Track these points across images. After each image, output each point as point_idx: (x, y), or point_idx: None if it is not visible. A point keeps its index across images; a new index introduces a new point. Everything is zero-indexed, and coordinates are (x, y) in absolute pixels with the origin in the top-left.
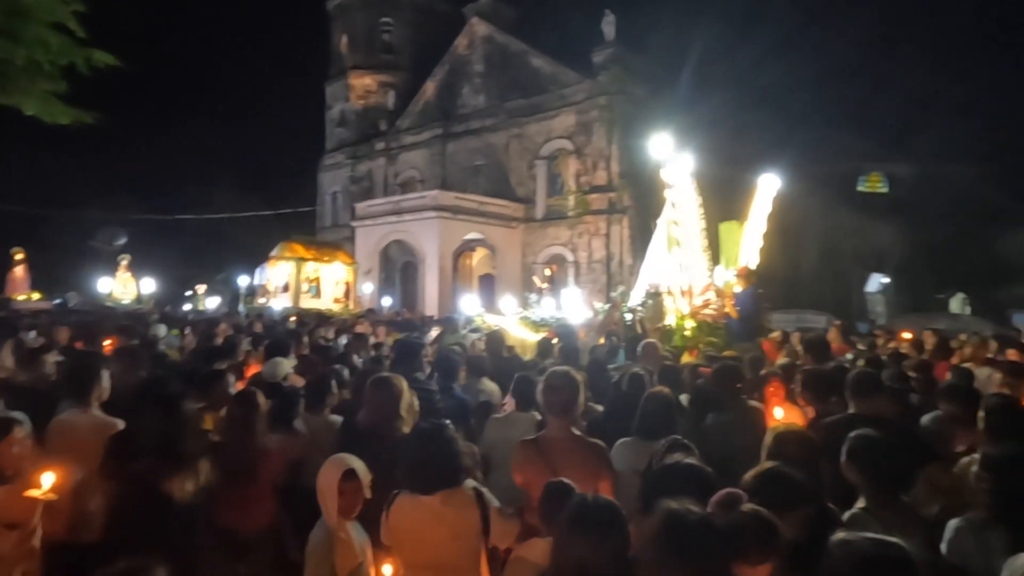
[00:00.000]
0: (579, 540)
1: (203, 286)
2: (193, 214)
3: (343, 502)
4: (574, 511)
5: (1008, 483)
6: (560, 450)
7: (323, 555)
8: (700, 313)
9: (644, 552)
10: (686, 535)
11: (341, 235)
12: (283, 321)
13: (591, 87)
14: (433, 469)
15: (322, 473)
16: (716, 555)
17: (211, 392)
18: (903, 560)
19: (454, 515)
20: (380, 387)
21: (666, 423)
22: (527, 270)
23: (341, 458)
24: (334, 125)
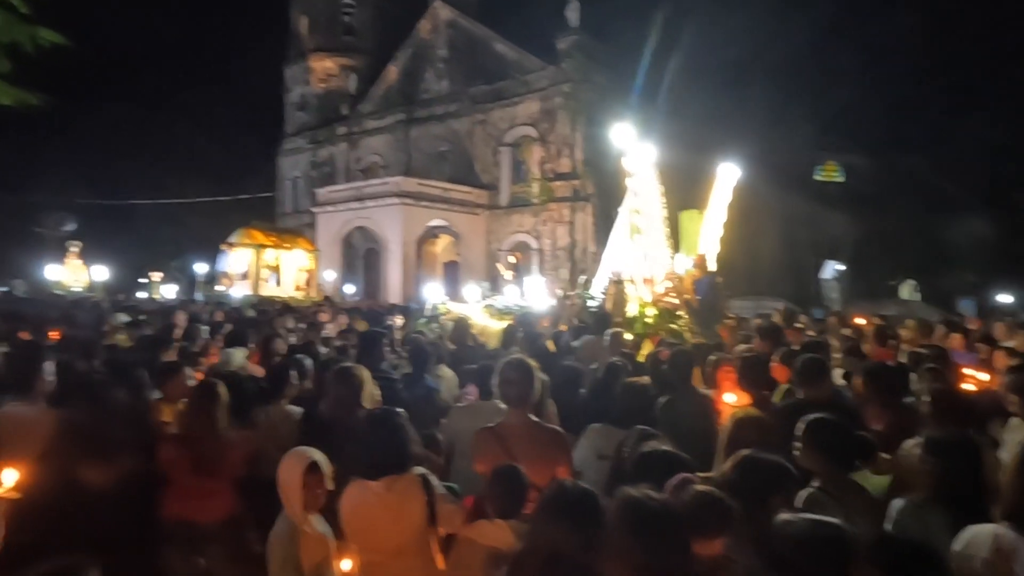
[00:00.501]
0: (555, 524)
1: (158, 273)
2: (147, 199)
3: (307, 495)
4: (553, 496)
5: (948, 466)
6: (518, 437)
7: (288, 549)
8: (661, 301)
9: (607, 537)
10: (646, 519)
11: (302, 221)
12: (242, 309)
13: (555, 74)
14: (379, 455)
15: (284, 466)
16: (675, 537)
17: (166, 383)
18: (840, 538)
19: (398, 500)
20: (342, 378)
21: (640, 412)
22: (491, 257)
23: (303, 451)
24: (294, 109)
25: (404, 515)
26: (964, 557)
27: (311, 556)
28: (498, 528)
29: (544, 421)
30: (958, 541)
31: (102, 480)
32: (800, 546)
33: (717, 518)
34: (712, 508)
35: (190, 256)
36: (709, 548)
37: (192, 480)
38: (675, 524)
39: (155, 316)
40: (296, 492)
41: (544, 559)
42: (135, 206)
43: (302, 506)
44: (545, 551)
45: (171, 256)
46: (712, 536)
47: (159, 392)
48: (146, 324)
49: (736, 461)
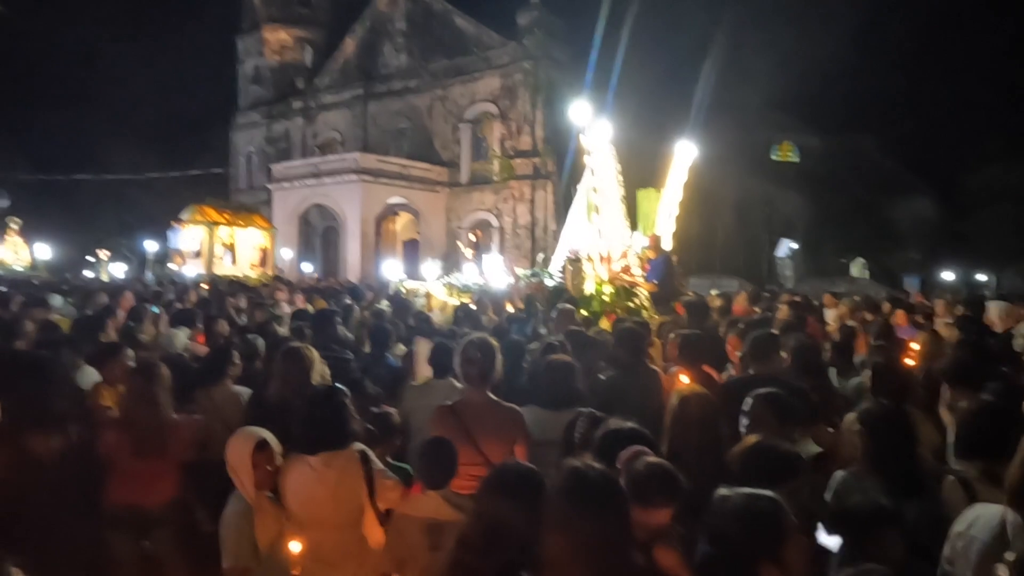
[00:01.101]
0: (498, 501)
1: (106, 252)
2: (92, 174)
3: (258, 474)
4: (497, 474)
5: (881, 438)
6: (477, 415)
7: (243, 529)
8: (618, 278)
9: (549, 509)
10: (586, 489)
11: (257, 198)
12: (194, 288)
13: (515, 50)
14: (317, 430)
15: (233, 447)
16: (615, 507)
17: (106, 365)
18: (775, 512)
19: (335, 475)
20: (290, 358)
21: (566, 391)
22: (452, 235)
23: (250, 430)
24: (247, 81)
25: (342, 490)
26: (965, 537)
27: (266, 533)
28: (431, 499)
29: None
30: (960, 521)
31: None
32: (738, 520)
33: (665, 489)
34: (661, 479)
35: (140, 234)
36: (656, 518)
37: (135, 463)
38: (616, 494)
39: (86, 296)
40: (247, 471)
41: (488, 535)
42: (80, 182)
43: (254, 484)
44: (489, 527)
45: (120, 234)
46: (659, 506)
47: (99, 374)
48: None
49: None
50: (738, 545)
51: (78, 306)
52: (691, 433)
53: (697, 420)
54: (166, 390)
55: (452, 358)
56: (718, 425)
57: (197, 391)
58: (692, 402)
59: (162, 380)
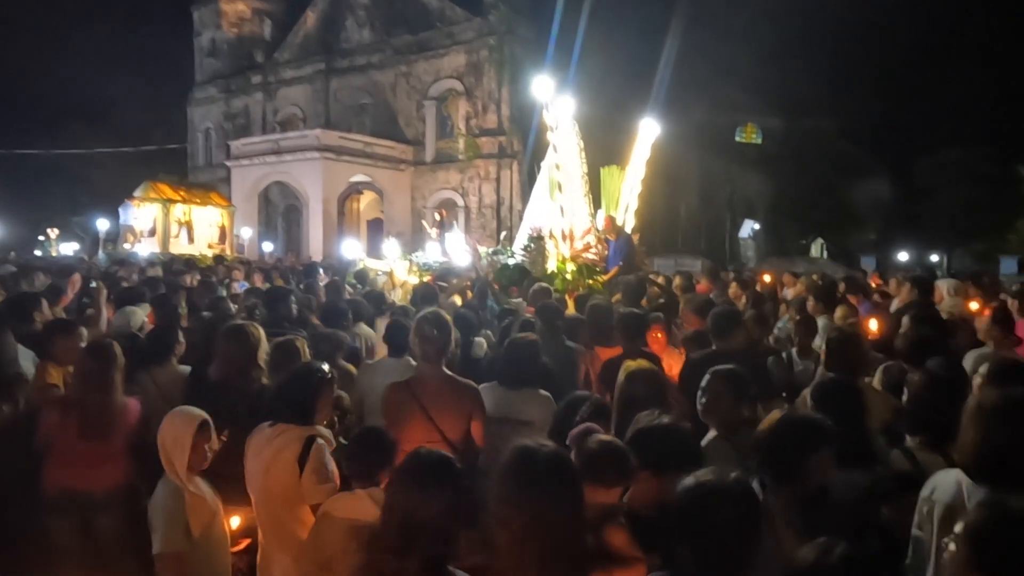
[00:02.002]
0: (410, 492)
1: (55, 230)
2: (40, 149)
3: (196, 456)
4: (405, 463)
5: (831, 410)
6: (432, 391)
7: (174, 513)
8: (581, 257)
9: (497, 490)
10: (539, 469)
11: (216, 175)
12: (145, 269)
13: (480, 26)
14: (282, 401)
15: (169, 426)
16: (568, 486)
17: (57, 344)
18: (744, 492)
19: (273, 450)
20: (233, 337)
21: (528, 370)
22: (417, 215)
23: (188, 410)
24: (204, 55)
25: (275, 466)
26: (928, 502)
27: (199, 517)
28: (357, 499)
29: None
30: (926, 487)
31: None
32: (706, 499)
33: (617, 468)
34: (613, 458)
35: (92, 212)
36: (607, 497)
37: (80, 446)
38: (567, 473)
39: (23, 275)
40: (183, 452)
41: (403, 533)
42: (29, 157)
43: (187, 467)
44: (403, 524)
45: (71, 212)
46: (612, 485)
47: (35, 354)
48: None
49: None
50: (708, 532)
51: (12, 286)
52: (638, 408)
53: (644, 397)
54: (119, 371)
55: (408, 336)
56: (665, 401)
57: (139, 371)
58: (639, 377)
59: (116, 361)
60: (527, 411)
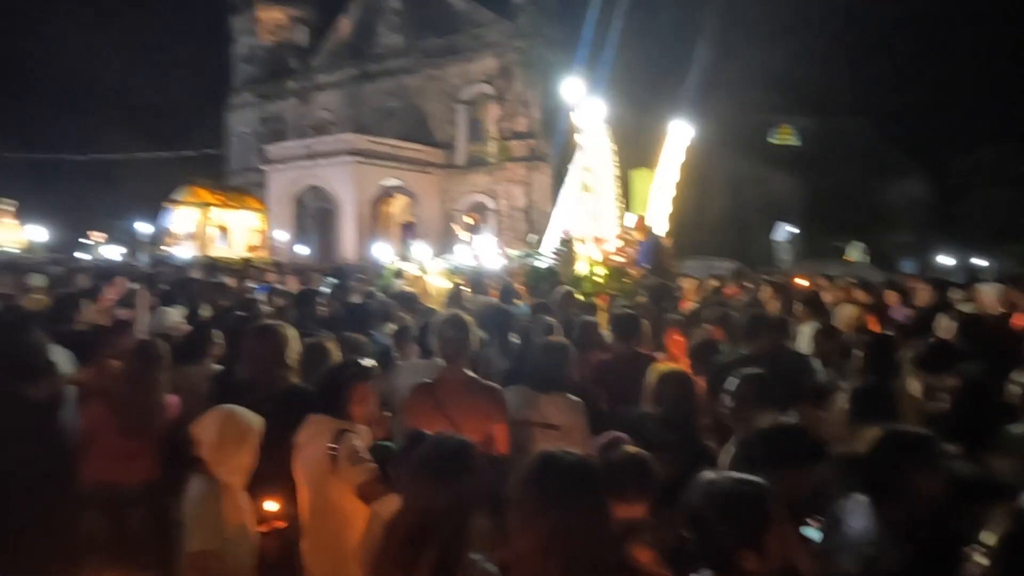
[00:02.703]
0: (425, 480)
1: (100, 233)
2: (86, 155)
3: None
4: (423, 452)
5: (867, 414)
6: (453, 393)
7: (212, 511)
8: (610, 260)
9: (519, 495)
10: (563, 478)
11: (252, 180)
12: (184, 270)
13: (510, 29)
14: (321, 395)
15: (223, 424)
16: (591, 498)
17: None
18: (761, 497)
19: (306, 441)
20: (261, 336)
21: (560, 373)
22: (448, 218)
23: (244, 411)
24: (241, 61)
25: (311, 456)
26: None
27: (235, 516)
28: None
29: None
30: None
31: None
32: (720, 506)
33: (641, 482)
34: (638, 472)
35: (134, 215)
36: (630, 512)
37: (119, 442)
38: (593, 484)
39: (66, 276)
40: (245, 452)
41: (415, 519)
42: (74, 163)
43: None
44: (420, 514)
45: (113, 215)
46: (635, 500)
47: (70, 355)
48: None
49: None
50: (724, 533)
51: (56, 286)
52: (669, 412)
53: (674, 398)
54: (164, 370)
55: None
56: (693, 402)
57: (173, 370)
58: (670, 380)
59: (161, 360)
60: (554, 415)
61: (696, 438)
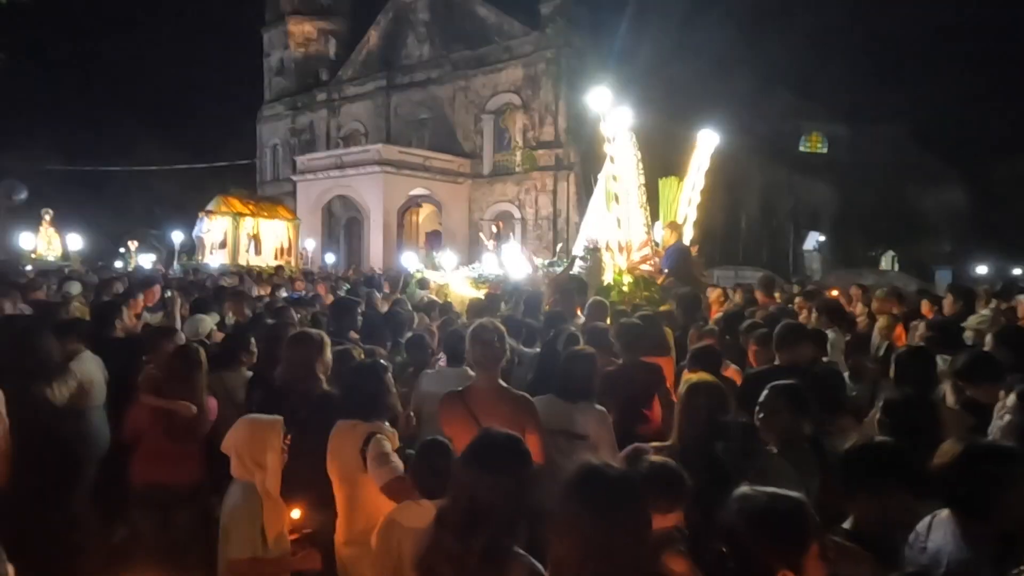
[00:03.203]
0: (478, 473)
1: (135, 242)
2: (122, 166)
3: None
4: (475, 443)
5: (901, 423)
6: (486, 401)
7: (253, 517)
8: (638, 269)
9: (559, 507)
10: (606, 490)
11: (282, 190)
12: (217, 278)
13: (538, 39)
14: (353, 399)
15: (250, 431)
16: (634, 512)
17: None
18: (797, 513)
19: (338, 444)
20: (300, 343)
21: (587, 383)
22: (474, 227)
23: (267, 416)
24: (273, 74)
25: (341, 454)
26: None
27: (275, 523)
28: (423, 509)
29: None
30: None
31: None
32: (759, 522)
33: (674, 492)
34: (670, 481)
35: (168, 225)
36: (664, 522)
37: (165, 444)
38: (635, 498)
39: (102, 285)
40: (272, 456)
41: (469, 513)
42: (110, 173)
43: (276, 472)
44: (470, 505)
45: (148, 224)
46: (668, 510)
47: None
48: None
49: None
50: (760, 550)
51: (95, 294)
52: (698, 423)
53: (704, 409)
54: (204, 374)
55: (464, 346)
56: (726, 414)
57: (209, 375)
58: (700, 391)
59: (201, 365)
60: (583, 425)
61: (732, 451)
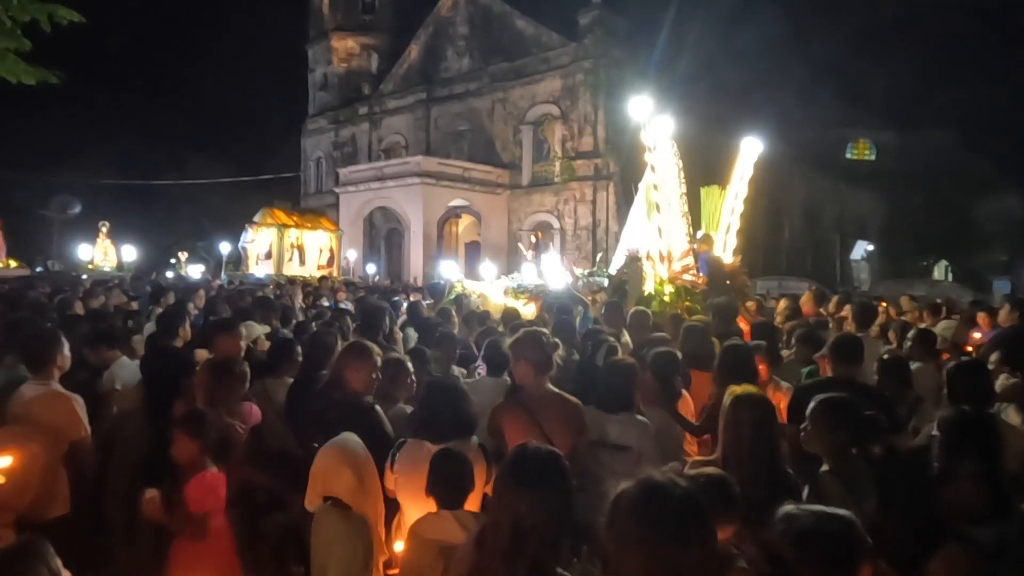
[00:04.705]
0: (521, 493)
1: (184, 253)
2: (171, 179)
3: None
4: (515, 459)
5: (957, 442)
6: (544, 406)
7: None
8: (679, 278)
9: (619, 525)
10: (669, 510)
11: (325, 202)
12: (261, 288)
13: (576, 50)
14: (442, 419)
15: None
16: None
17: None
18: (845, 535)
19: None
20: (359, 353)
21: (628, 393)
22: (513, 237)
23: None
24: (316, 89)
25: (409, 474)
26: None
27: (380, 550)
28: (444, 521)
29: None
30: None
31: None
32: (805, 543)
33: (727, 504)
34: (723, 493)
35: (214, 236)
36: (719, 535)
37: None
38: (701, 516)
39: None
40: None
41: (512, 534)
42: (160, 187)
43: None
44: (513, 524)
45: (196, 236)
46: (722, 523)
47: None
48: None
49: None
50: (802, 572)
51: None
52: (744, 436)
53: (750, 423)
54: (241, 386)
55: (506, 357)
56: (773, 428)
57: (255, 382)
58: (745, 403)
59: (243, 378)
60: (624, 436)
61: (779, 466)
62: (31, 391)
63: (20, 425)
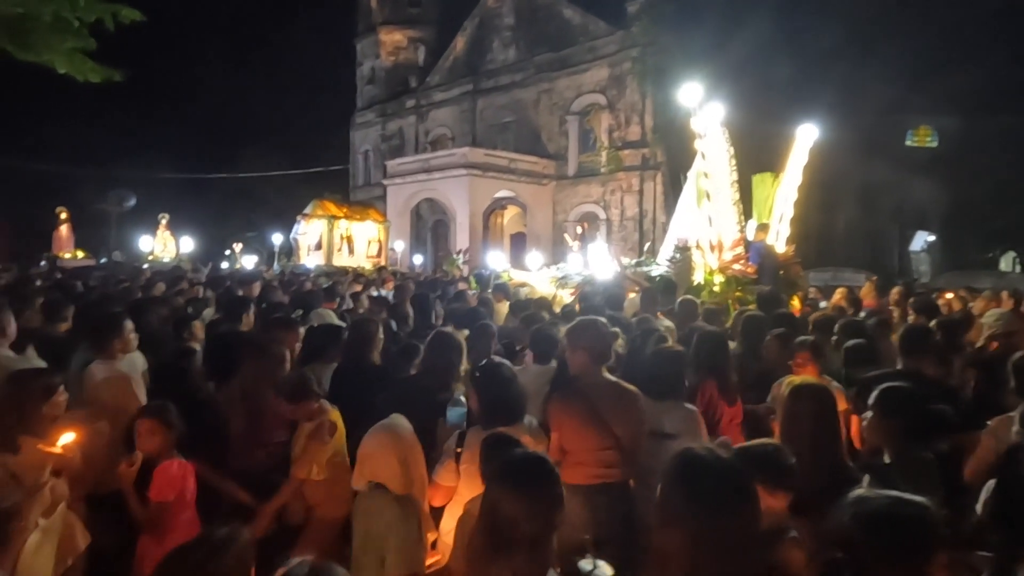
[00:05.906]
0: (508, 495)
1: (239, 244)
2: (226, 173)
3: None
4: (504, 465)
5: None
6: (604, 395)
7: (418, 535)
8: (729, 268)
9: (663, 500)
10: (712, 481)
11: (373, 194)
12: (314, 278)
13: (623, 38)
14: (494, 406)
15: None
16: (739, 500)
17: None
18: (921, 520)
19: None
20: (444, 343)
21: (675, 381)
22: (558, 228)
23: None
24: (364, 82)
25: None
26: None
27: (429, 537)
28: None
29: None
30: None
31: None
32: (877, 527)
33: (778, 468)
34: (773, 458)
35: (266, 227)
36: (772, 502)
37: (247, 433)
38: (741, 484)
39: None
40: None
41: (490, 531)
42: (215, 180)
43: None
44: (502, 526)
45: (247, 228)
46: (775, 488)
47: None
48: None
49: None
50: (877, 559)
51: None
52: (803, 427)
53: (810, 413)
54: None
55: (553, 344)
56: (833, 418)
57: (302, 367)
58: (804, 393)
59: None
60: (671, 423)
61: (839, 459)
62: (99, 372)
63: (90, 405)
